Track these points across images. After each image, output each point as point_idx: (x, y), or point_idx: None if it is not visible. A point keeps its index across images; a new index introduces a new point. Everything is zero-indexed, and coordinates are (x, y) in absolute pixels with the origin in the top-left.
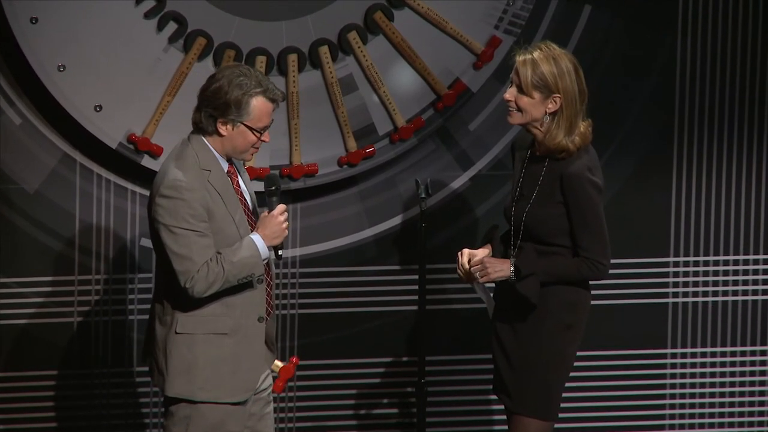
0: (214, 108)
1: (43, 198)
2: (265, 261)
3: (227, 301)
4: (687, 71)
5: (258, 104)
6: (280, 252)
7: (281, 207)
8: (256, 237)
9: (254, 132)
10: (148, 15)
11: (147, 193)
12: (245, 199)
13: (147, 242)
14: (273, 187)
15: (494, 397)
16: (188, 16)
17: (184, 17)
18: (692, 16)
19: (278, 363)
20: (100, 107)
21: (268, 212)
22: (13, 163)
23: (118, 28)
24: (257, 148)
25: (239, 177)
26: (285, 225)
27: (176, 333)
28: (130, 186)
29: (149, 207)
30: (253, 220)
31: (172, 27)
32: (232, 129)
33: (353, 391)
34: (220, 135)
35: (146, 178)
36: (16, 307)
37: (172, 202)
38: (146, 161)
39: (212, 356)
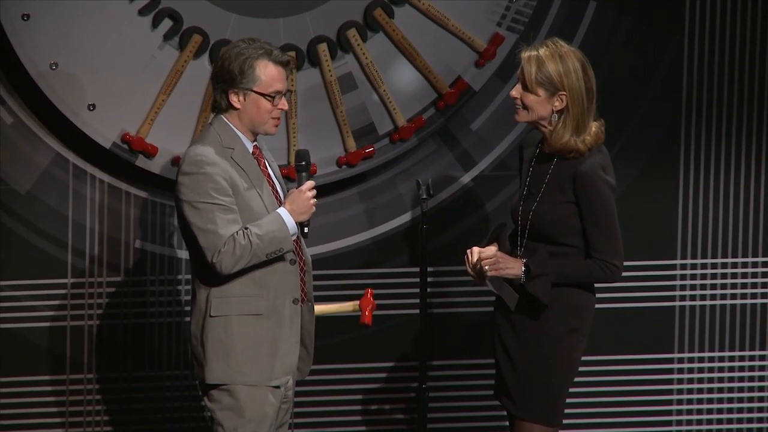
0: (223, 81)
1: (35, 199)
2: (294, 237)
3: (260, 282)
4: (695, 69)
5: (263, 67)
6: (306, 229)
7: (310, 183)
8: (282, 211)
9: (266, 98)
10: (142, 12)
11: (142, 194)
12: (273, 181)
13: (141, 244)
14: (303, 162)
15: (498, 403)
16: (184, 13)
17: (180, 14)
18: (700, 13)
19: (346, 305)
20: (94, 106)
21: (297, 187)
22: (5, 164)
23: (112, 25)
24: (277, 118)
25: (265, 159)
26: (313, 201)
27: (211, 316)
28: (124, 187)
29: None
30: (282, 202)
31: (167, 24)
32: (244, 99)
33: (353, 397)
34: (235, 108)
35: (141, 178)
36: (7, 311)
37: (193, 177)
38: (141, 161)
39: (249, 338)
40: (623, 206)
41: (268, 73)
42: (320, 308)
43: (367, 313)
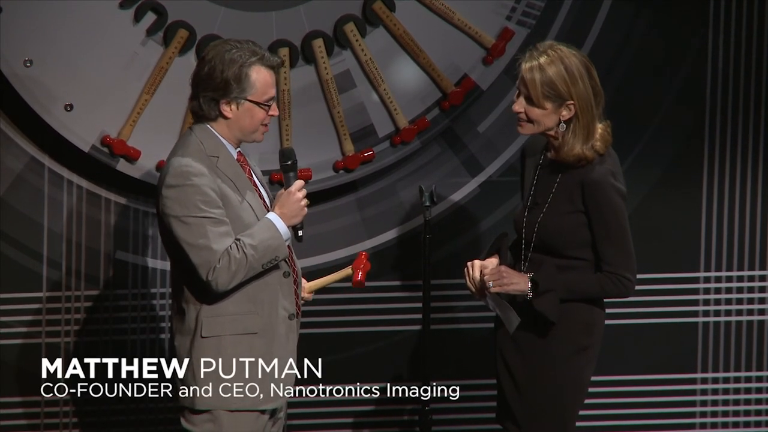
0: (214, 90)
1: (7, 206)
2: (287, 242)
3: (254, 298)
4: (719, 69)
5: (258, 75)
6: (300, 233)
7: (299, 183)
8: (273, 216)
9: (261, 107)
10: (124, 5)
11: (122, 201)
12: (259, 189)
13: (122, 255)
14: (289, 162)
15: (501, 428)
16: (168, 6)
17: (164, 7)
18: (725, 8)
19: (339, 272)
20: (71, 106)
21: (285, 189)
22: None
23: (92, 19)
24: (266, 125)
25: (250, 167)
26: (304, 202)
27: (202, 337)
28: (104, 193)
29: (157, 206)
30: (271, 207)
31: (150, 18)
32: (237, 108)
33: (350, 420)
34: (225, 117)
35: (122, 184)
36: None
37: (180, 190)
38: (122, 166)
39: (243, 359)
40: (642, 214)
41: (262, 79)
42: (313, 283)
43: (359, 273)
